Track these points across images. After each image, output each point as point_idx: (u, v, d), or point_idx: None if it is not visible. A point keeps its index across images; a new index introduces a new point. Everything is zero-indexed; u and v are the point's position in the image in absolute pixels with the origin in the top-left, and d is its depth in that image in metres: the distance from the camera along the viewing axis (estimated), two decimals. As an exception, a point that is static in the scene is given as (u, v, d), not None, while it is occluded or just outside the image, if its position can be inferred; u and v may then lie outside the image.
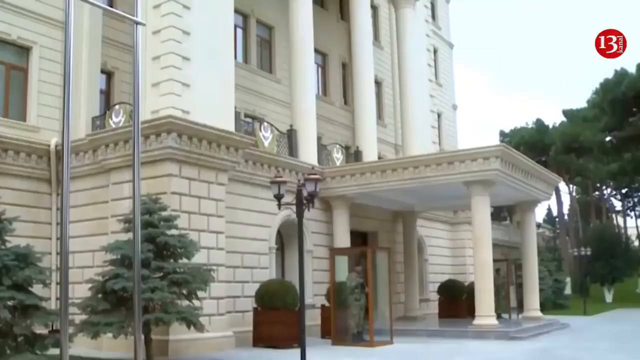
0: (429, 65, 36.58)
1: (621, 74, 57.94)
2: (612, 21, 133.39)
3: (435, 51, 41.78)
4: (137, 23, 9.00)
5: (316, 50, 29.47)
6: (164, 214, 16.12)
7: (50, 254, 20.28)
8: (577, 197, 78.98)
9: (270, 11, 30.82)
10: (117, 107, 21.66)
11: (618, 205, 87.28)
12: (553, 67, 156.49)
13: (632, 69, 56.04)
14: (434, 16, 44.27)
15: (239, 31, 28.89)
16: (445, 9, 48.88)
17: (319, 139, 27.16)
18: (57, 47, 21.89)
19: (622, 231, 77.89)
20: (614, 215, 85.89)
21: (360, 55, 30.65)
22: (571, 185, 74.99)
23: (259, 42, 30.67)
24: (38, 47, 21.97)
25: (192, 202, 19.13)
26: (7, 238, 13.62)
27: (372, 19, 34.57)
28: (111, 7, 23.84)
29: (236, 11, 24.98)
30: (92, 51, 22.80)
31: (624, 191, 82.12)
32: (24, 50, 21.95)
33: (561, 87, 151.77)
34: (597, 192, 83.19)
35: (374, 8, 38.01)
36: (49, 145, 21.13)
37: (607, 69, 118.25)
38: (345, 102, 35.54)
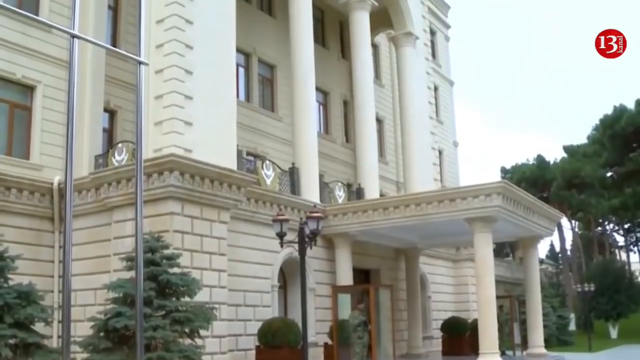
0: (430, 103, 36.77)
1: (620, 110, 58.45)
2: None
3: (435, 89, 42.01)
4: (141, 63, 9.09)
5: (318, 89, 29.66)
6: (166, 252, 16.12)
7: (52, 291, 20.25)
8: (579, 232, 78.89)
9: (272, 50, 31.10)
10: (119, 145, 21.77)
11: (621, 240, 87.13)
12: (552, 104, 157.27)
13: (631, 97, 56.57)
14: (434, 54, 44.57)
15: (241, 70, 29.11)
16: (445, 47, 49.23)
17: (321, 176, 27.23)
18: (61, 86, 22.05)
19: (626, 266, 77.64)
20: (617, 251, 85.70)
21: (361, 93, 30.82)
22: (573, 221, 74.93)
23: (261, 81, 30.90)
24: (42, 86, 22.15)
25: (194, 240, 19.13)
26: (9, 276, 13.64)
27: (372, 57, 34.83)
28: (114, 46, 24.10)
29: (238, 50, 25.20)
30: (96, 90, 22.97)
31: (626, 226, 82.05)
32: (28, 89, 22.13)
33: (561, 123, 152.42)
34: (599, 228, 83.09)
35: (375, 46, 38.34)
36: (51, 184, 21.19)
37: (606, 105, 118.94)
38: (347, 140, 35.69)
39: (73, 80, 8.42)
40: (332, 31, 36.35)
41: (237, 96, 25.35)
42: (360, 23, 31.20)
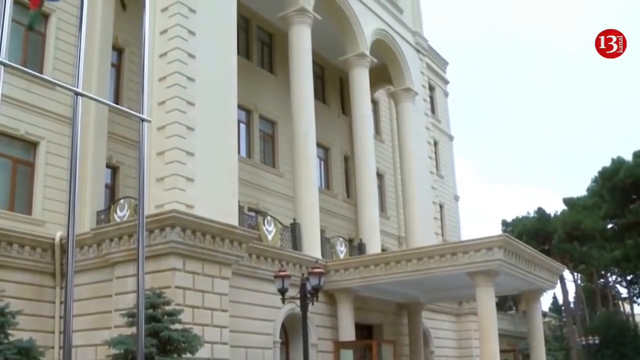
0: (430, 158, 36.96)
1: (618, 162, 58.97)
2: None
3: (435, 143, 42.27)
4: (143, 120, 9.25)
5: (318, 144, 29.86)
6: (167, 308, 16.09)
7: (52, 348, 20.11)
8: (582, 285, 78.40)
9: (273, 106, 31.40)
10: (121, 201, 21.86)
11: (624, 292, 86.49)
12: (551, 157, 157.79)
13: (627, 148, 57.09)
14: (433, 109, 44.95)
15: (242, 126, 29.33)
16: (444, 102, 49.68)
17: (322, 232, 27.23)
18: (64, 142, 22.21)
19: (630, 318, 76.95)
20: (620, 303, 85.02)
21: (362, 149, 30.99)
22: (575, 273, 74.51)
23: (262, 137, 31.12)
24: (45, 142, 22.31)
25: (196, 297, 19.08)
26: (9, 332, 13.60)
27: (373, 113, 35.15)
28: (117, 103, 24.34)
29: (239, 107, 25.44)
30: (98, 146, 23.14)
31: (629, 278, 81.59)
32: (31, 145, 22.29)
33: (560, 176, 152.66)
34: (602, 280, 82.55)
35: (374, 102, 38.69)
36: (53, 239, 21.20)
37: (604, 158, 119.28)
38: (348, 195, 35.79)
39: (76, 136, 8.55)
40: (332, 87, 36.74)
41: (239, 152, 25.50)
42: (360, 79, 31.56)
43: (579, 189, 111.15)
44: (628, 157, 58.56)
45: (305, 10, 27.94)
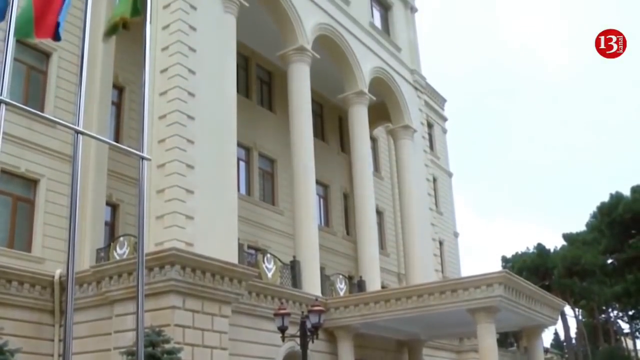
0: (429, 195, 37.01)
1: (617, 197, 59.27)
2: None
3: (434, 180, 42.36)
4: (143, 158, 9.31)
5: (318, 182, 29.93)
6: (167, 346, 16.01)
7: (52, 386, 20.00)
8: (583, 320, 78.09)
9: (272, 144, 31.54)
10: (121, 239, 21.85)
11: (626, 327, 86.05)
12: (550, 193, 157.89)
13: (625, 183, 57.19)
14: (432, 146, 45.15)
15: (242, 164, 29.44)
16: (443, 139, 49.91)
17: (322, 269, 27.17)
18: (64, 179, 22.28)
19: (632, 354, 76.45)
20: (622, 338, 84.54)
21: (361, 186, 31.04)
22: (577, 309, 74.29)
23: (262, 175, 31.21)
24: (45, 179, 22.38)
25: (195, 335, 18.97)
26: (8, 371, 13.52)
27: (372, 150, 35.27)
28: (117, 141, 24.46)
29: (239, 144, 25.55)
30: (98, 184, 23.21)
31: (630, 313, 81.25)
32: (32, 183, 22.35)
33: (559, 212, 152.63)
34: (603, 315, 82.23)
35: (374, 140, 38.85)
36: (53, 277, 21.13)
37: (602, 193, 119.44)
38: (348, 232, 35.79)
39: (76, 174, 8.60)
40: (331, 125, 36.93)
41: (238, 190, 25.55)
42: (359, 117, 31.73)
43: (578, 224, 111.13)
44: (626, 192, 58.88)
45: (304, 49, 28.19)
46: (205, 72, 23.25)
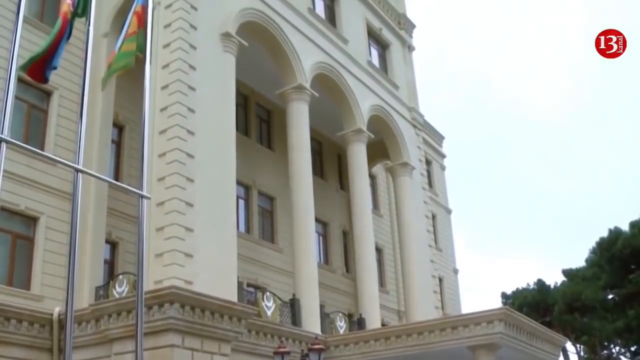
0: (428, 231, 37.01)
1: (615, 232, 59.29)
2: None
3: (433, 217, 42.40)
4: (142, 196, 9.38)
5: (317, 219, 29.95)
6: (165, 385, 15.92)
7: None
8: (585, 357, 77.46)
9: (272, 182, 31.62)
10: (120, 277, 21.83)
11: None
12: (550, 229, 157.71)
13: (623, 219, 57.19)
14: (430, 183, 45.24)
15: (241, 202, 29.47)
16: (441, 176, 50.06)
17: (321, 307, 27.07)
18: (64, 217, 22.31)
19: (635, 390, 75.79)
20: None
21: (360, 224, 31.06)
22: (578, 345, 73.77)
23: (261, 212, 31.23)
24: (45, 217, 22.42)
25: (194, 373, 18.87)
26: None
27: (370, 188, 35.34)
28: (117, 179, 24.56)
29: (238, 182, 25.63)
30: (98, 222, 23.25)
31: (632, 349, 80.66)
32: (31, 220, 22.37)
33: (559, 247, 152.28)
34: (605, 351, 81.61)
35: (372, 177, 38.94)
36: (51, 314, 21.00)
37: (601, 228, 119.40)
38: (347, 270, 35.72)
39: (76, 212, 8.66)
40: (330, 163, 37.06)
41: (238, 228, 25.56)
42: (358, 155, 31.86)
43: (578, 260, 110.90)
44: (625, 227, 58.94)
45: (303, 87, 28.40)
46: (205, 111, 23.39)
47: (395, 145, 35.27)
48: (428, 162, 44.38)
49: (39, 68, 9.55)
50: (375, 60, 36.26)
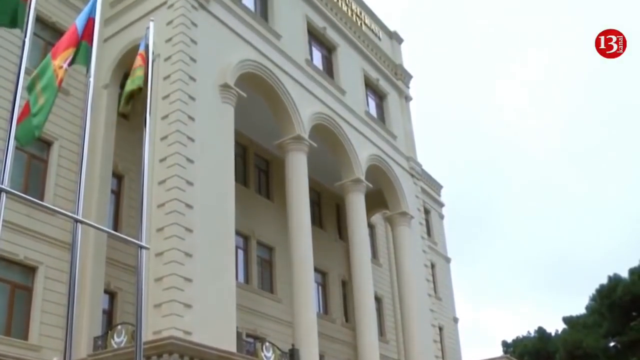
0: (428, 280, 36.91)
1: (615, 280, 59.29)
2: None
3: (432, 266, 42.34)
4: (142, 247, 9.43)
5: (316, 269, 29.91)
6: None
7: None
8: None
9: (271, 232, 31.63)
10: (119, 327, 21.72)
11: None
12: (549, 276, 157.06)
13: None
14: (429, 232, 45.25)
15: (240, 252, 29.45)
16: (440, 225, 50.09)
17: (321, 357, 26.91)
18: (62, 267, 22.25)
19: None
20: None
21: (359, 273, 30.98)
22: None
23: (260, 263, 31.20)
24: (43, 267, 22.38)
25: None
26: None
27: (369, 237, 35.33)
28: (116, 229, 24.60)
29: (237, 233, 25.65)
30: (96, 272, 23.20)
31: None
32: (30, 270, 22.32)
33: (559, 294, 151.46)
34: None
35: (371, 227, 38.96)
36: (49, 364, 20.93)
37: (601, 275, 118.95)
38: (347, 320, 35.55)
39: (75, 262, 8.71)
40: (329, 213, 37.13)
41: (237, 278, 25.52)
42: (356, 205, 31.94)
43: (578, 307, 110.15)
44: (624, 274, 58.95)
45: (301, 138, 28.60)
46: (204, 161, 23.53)
47: (394, 195, 35.37)
48: (426, 211, 44.44)
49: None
50: (373, 110, 36.57)
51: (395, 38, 41.24)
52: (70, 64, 10.74)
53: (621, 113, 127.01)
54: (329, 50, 34.59)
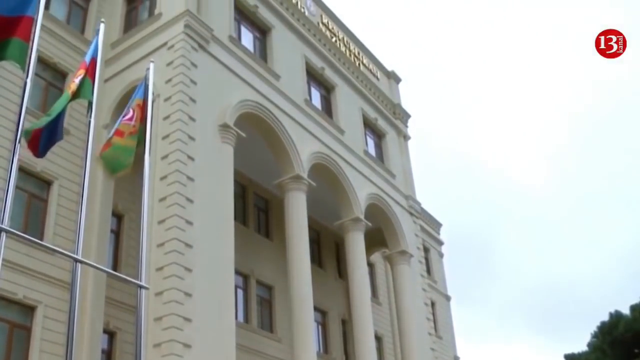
0: (428, 319, 36.79)
1: (617, 316, 59.06)
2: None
3: (433, 304, 42.23)
4: (141, 287, 9.48)
5: (316, 308, 29.82)
6: None
7: None
8: None
9: (270, 271, 31.60)
10: (117, 368, 21.64)
11: None
12: (550, 313, 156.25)
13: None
14: (429, 270, 45.19)
15: (240, 291, 29.39)
16: (440, 263, 50.04)
17: (320, 397, 26.75)
18: (62, 306, 22.12)
19: None
20: None
21: (359, 312, 30.89)
22: None
23: (259, 302, 31.11)
24: (43, 306, 22.27)
25: None
26: None
27: (369, 276, 35.29)
28: (115, 268, 24.59)
29: (237, 272, 25.63)
30: (95, 311, 23.10)
31: None
32: (29, 310, 22.20)
33: (560, 331, 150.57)
34: None
35: (371, 265, 38.92)
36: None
37: (602, 311, 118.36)
38: (347, 358, 35.35)
39: (75, 302, 8.74)
40: (328, 251, 37.12)
41: (236, 317, 25.45)
42: (356, 243, 31.95)
43: (580, 344, 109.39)
44: (625, 310, 58.82)
45: (300, 177, 28.71)
46: (204, 201, 23.60)
47: (393, 234, 35.41)
48: (426, 250, 44.44)
49: (36, 142, 9.83)
50: (372, 149, 36.78)
51: (393, 77, 41.66)
52: (74, 97, 10.90)
53: (619, 148, 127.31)
54: (327, 90, 34.89)
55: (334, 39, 35.89)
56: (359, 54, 38.27)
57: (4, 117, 23.12)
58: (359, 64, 37.76)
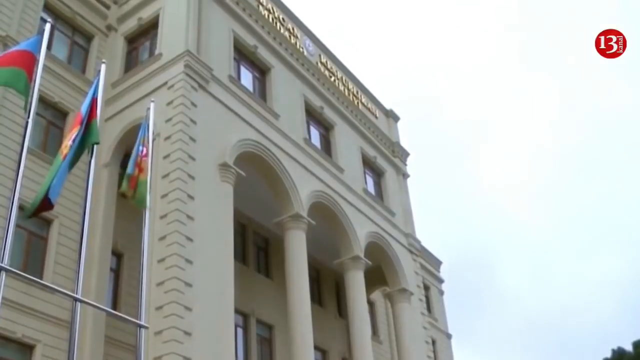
0: (429, 357, 36.53)
1: (619, 353, 58.81)
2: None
3: (433, 342, 41.95)
4: (141, 326, 9.49)
5: (316, 347, 29.66)
6: None
7: None
8: None
9: (270, 310, 31.46)
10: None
11: None
12: (553, 347, 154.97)
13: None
14: (429, 308, 45.00)
15: (239, 330, 29.26)
16: (440, 301, 49.84)
17: None
18: (61, 345, 21.96)
19: None
20: None
21: (360, 351, 30.72)
22: None
23: (259, 341, 30.94)
24: (42, 345, 22.11)
25: None
26: None
27: (369, 314, 35.15)
28: (115, 307, 24.50)
29: (236, 311, 25.52)
30: (95, 350, 22.95)
31: None
32: (28, 348, 22.05)
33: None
34: None
35: (371, 303, 38.75)
36: None
37: (604, 348, 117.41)
38: (347, 399, 35.10)
39: (74, 342, 8.75)
40: (328, 290, 37.00)
41: (236, 357, 25.23)
42: (356, 282, 31.88)
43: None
44: (628, 346, 58.73)
45: (300, 216, 28.75)
46: (203, 240, 23.61)
47: (393, 272, 35.35)
48: (426, 288, 44.27)
49: (42, 205, 9.88)
50: (371, 187, 36.87)
51: (391, 116, 41.90)
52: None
53: (615, 167, 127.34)
54: (326, 129, 35.09)
55: (332, 78, 36.17)
56: (357, 92, 38.54)
57: (6, 156, 23.21)
58: (357, 103, 38.02)
